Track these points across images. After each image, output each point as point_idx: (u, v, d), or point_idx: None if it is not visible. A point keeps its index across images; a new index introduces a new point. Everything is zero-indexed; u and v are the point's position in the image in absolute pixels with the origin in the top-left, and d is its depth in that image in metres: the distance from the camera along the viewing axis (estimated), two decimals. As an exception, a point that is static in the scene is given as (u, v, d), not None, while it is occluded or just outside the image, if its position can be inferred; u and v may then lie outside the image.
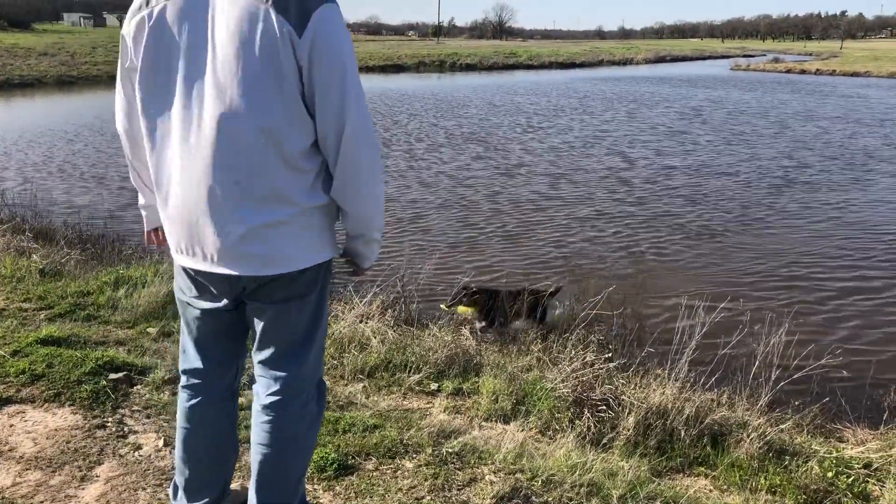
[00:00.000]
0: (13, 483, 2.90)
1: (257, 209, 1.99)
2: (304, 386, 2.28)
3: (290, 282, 2.12)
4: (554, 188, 11.96)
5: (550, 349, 4.33)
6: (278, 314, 2.17)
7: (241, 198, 1.98)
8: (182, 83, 1.95)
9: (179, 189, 2.02)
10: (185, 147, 1.98)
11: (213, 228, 2.01)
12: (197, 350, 2.34)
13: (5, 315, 4.64)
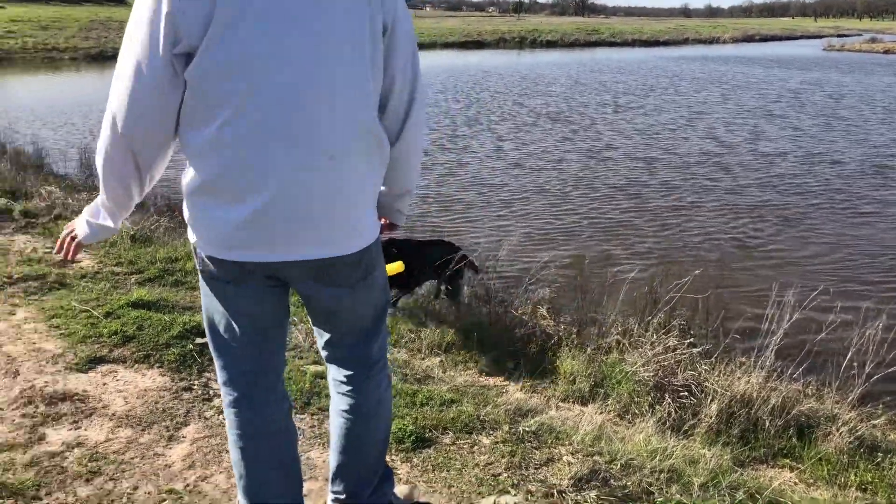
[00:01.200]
0: (106, 439, 3.02)
1: (349, 186, 1.95)
2: (381, 353, 2.30)
3: (358, 263, 2.06)
4: (643, 170, 11.69)
5: (631, 332, 4.24)
6: (354, 294, 2.10)
7: (336, 176, 1.91)
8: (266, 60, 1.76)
9: (271, 176, 1.83)
10: (276, 131, 1.81)
11: (314, 212, 1.90)
12: (252, 350, 2.13)
13: (99, 278, 4.83)
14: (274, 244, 1.91)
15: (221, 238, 1.91)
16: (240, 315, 2.07)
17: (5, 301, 4.36)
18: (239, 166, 1.83)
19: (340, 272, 2.03)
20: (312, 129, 1.84)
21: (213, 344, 2.15)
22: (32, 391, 3.34)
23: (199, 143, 1.84)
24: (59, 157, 10.47)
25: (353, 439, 2.30)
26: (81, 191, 7.70)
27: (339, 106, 1.86)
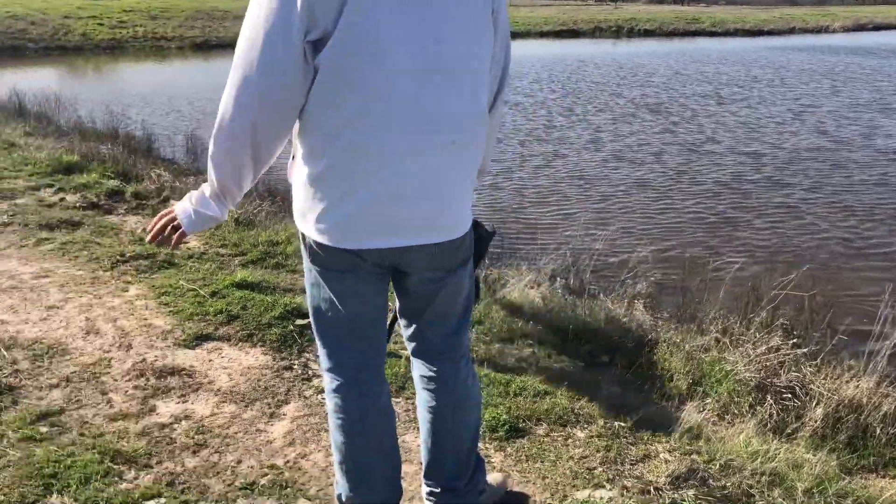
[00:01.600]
0: (212, 413, 3.15)
1: (465, 171, 2.00)
2: (468, 346, 2.32)
3: (460, 248, 2.09)
4: (748, 165, 11.25)
5: (731, 330, 4.13)
6: (453, 280, 2.12)
7: (456, 160, 1.94)
8: (411, 47, 1.78)
9: (394, 162, 1.85)
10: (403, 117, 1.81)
11: (435, 197, 1.93)
12: (360, 331, 2.16)
13: (205, 259, 5.02)
14: (397, 230, 1.94)
15: (340, 227, 1.94)
16: (347, 303, 2.09)
17: (119, 278, 4.58)
18: (366, 153, 1.85)
19: (448, 257, 2.07)
20: (439, 115, 1.85)
21: (318, 331, 2.19)
22: (144, 364, 3.50)
23: (325, 130, 1.86)
24: (167, 142, 10.94)
25: (445, 434, 2.30)
26: (188, 174, 8.00)
27: (464, 91, 1.88)
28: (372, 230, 1.93)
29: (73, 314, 4.03)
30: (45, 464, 2.71)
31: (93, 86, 21.20)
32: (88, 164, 7.42)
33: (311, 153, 1.92)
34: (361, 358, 2.19)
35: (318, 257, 2.04)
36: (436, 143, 1.88)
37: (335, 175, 1.88)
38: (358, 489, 2.25)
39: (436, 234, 1.99)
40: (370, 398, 2.20)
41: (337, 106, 1.81)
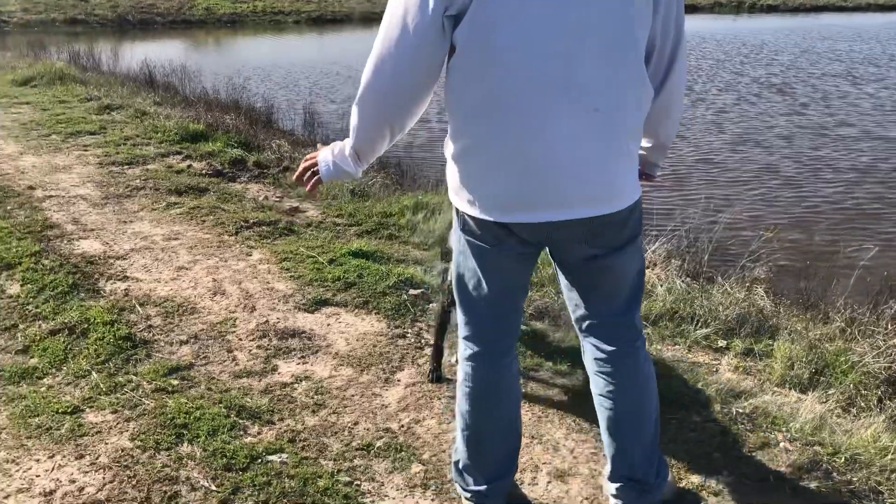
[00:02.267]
0: (330, 375, 3.26)
1: (617, 140, 1.93)
2: (640, 325, 2.25)
3: (626, 222, 2.04)
4: (885, 150, 10.62)
5: (859, 320, 3.93)
6: (620, 258, 2.09)
7: (603, 129, 1.89)
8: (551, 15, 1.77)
9: (542, 134, 1.85)
10: (546, 87, 1.82)
11: (586, 168, 1.90)
12: (501, 305, 2.19)
13: (322, 227, 5.17)
14: (545, 204, 1.92)
15: (489, 201, 1.96)
16: (492, 276, 2.12)
17: (242, 242, 4.78)
18: (509, 125, 1.85)
19: (610, 232, 2.02)
20: (582, 82, 1.83)
21: (460, 299, 2.23)
22: (267, 326, 3.65)
23: (468, 105, 1.89)
24: (285, 114, 11.27)
25: (627, 421, 2.25)
26: (306, 146, 8.22)
27: (608, 56, 1.84)
28: (519, 203, 1.93)
29: (201, 275, 4.24)
30: (176, 414, 2.88)
31: (215, 58, 22.07)
32: (213, 134, 7.75)
33: (457, 129, 1.96)
34: (497, 330, 2.22)
35: (468, 228, 2.08)
36: (579, 110, 1.84)
37: (481, 149, 1.92)
38: (476, 458, 2.29)
39: (588, 208, 1.94)
40: (500, 371, 2.23)
41: (477, 79, 1.85)
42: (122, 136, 7.63)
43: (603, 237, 2.02)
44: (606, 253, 2.06)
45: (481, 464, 2.29)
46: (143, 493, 2.47)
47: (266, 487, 2.50)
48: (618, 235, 2.04)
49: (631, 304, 2.20)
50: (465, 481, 2.34)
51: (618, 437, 2.27)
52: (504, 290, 2.16)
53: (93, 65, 14.88)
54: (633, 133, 2.00)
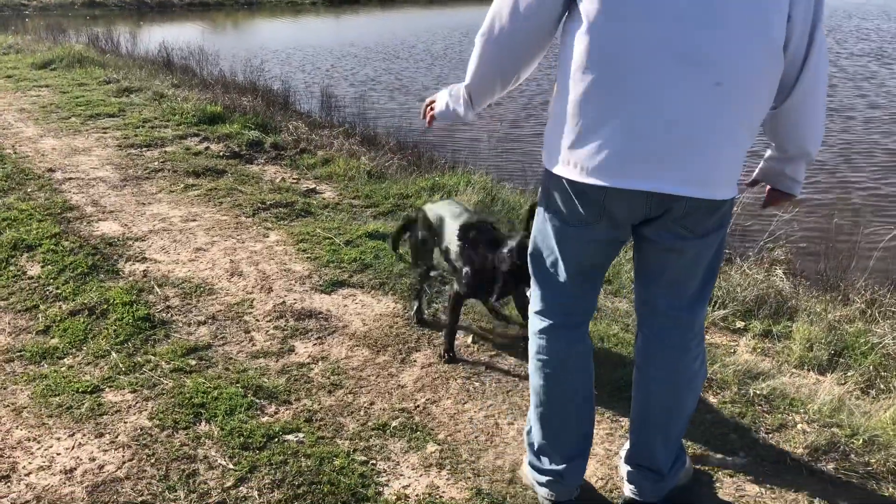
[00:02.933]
0: (346, 356, 3.27)
1: (733, 120, 1.83)
2: (701, 324, 2.18)
3: (715, 211, 1.95)
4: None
5: (879, 302, 3.89)
6: (697, 247, 2.01)
7: (723, 107, 1.80)
8: None
9: (650, 98, 1.80)
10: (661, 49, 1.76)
11: (693, 143, 1.82)
12: (576, 286, 2.16)
13: (339, 209, 5.17)
14: (644, 172, 1.84)
15: (585, 160, 1.89)
16: (571, 258, 2.11)
17: (260, 224, 4.80)
18: (616, 84, 1.81)
19: (697, 218, 1.94)
20: (702, 51, 1.75)
21: (535, 274, 2.23)
22: (283, 307, 3.67)
23: (578, 61, 1.85)
24: (302, 96, 11.26)
25: (660, 415, 2.23)
26: (323, 127, 8.23)
27: (738, 29, 1.75)
28: (616, 167, 1.86)
29: (218, 256, 4.26)
30: (194, 394, 2.91)
31: (232, 40, 22.07)
32: (231, 116, 7.76)
33: (563, 86, 1.92)
34: (572, 306, 2.20)
35: (553, 206, 2.06)
36: (697, 82, 1.77)
37: (586, 106, 1.87)
38: (552, 437, 2.28)
39: (689, 187, 1.85)
40: (572, 344, 2.21)
41: (593, 33, 1.80)
42: (140, 119, 7.66)
43: (690, 222, 1.94)
44: (686, 238, 1.98)
45: (557, 443, 2.28)
46: (161, 472, 2.50)
47: (282, 466, 2.52)
48: (703, 222, 1.96)
49: (696, 300, 2.12)
50: (540, 462, 2.32)
51: (646, 428, 2.26)
52: (583, 271, 2.14)
53: (111, 47, 14.93)
54: (750, 123, 1.88)
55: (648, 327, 2.20)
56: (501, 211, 5.27)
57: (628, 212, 1.95)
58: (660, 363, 2.19)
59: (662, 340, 2.17)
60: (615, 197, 1.91)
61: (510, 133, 10.24)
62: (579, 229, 2.03)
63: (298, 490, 2.41)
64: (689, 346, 2.16)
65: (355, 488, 2.43)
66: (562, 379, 2.21)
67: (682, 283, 2.09)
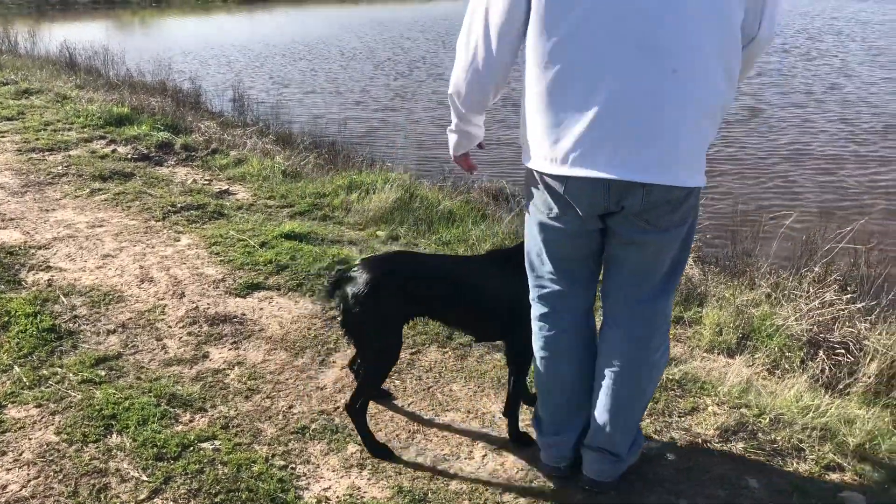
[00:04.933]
0: (263, 360, 3.21)
1: (689, 108, 1.90)
2: (665, 316, 2.24)
3: (678, 206, 2.01)
4: (809, 116, 10.91)
5: (783, 285, 4.05)
6: (659, 241, 2.07)
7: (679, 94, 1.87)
8: None
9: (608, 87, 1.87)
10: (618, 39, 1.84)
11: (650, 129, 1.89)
12: (562, 274, 2.24)
13: (254, 210, 5.08)
14: (605, 159, 1.90)
15: (551, 152, 1.99)
16: (554, 249, 2.21)
17: (170, 227, 4.67)
18: (574, 77, 1.89)
19: (659, 213, 2.00)
20: (663, 43, 1.83)
21: (528, 265, 2.33)
22: (197, 312, 3.58)
23: (540, 59, 1.93)
24: (214, 96, 11.02)
25: (620, 402, 2.26)
26: (236, 126, 8.07)
27: (691, 18, 1.82)
28: (576, 157, 1.93)
29: (127, 262, 4.12)
30: (104, 406, 2.80)
31: (140, 39, 21.39)
32: (139, 117, 7.53)
33: (528, 82, 2.01)
34: (564, 293, 2.26)
35: (533, 198, 2.17)
36: (654, 69, 1.84)
37: (548, 100, 1.96)
38: (546, 410, 2.41)
39: (649, 173, 1.91)
40: (570, 332, 2.28)
41: (551, 30, 1.89)
42: (41, 122, 7.34)
43: (651, 213, 1.99)
44: (646, 231, 2.04)
45: (550, 416, 2.40)
46: (70, 488, 2.40)
47: (199, 475, 2.46)
48: (665, 216, 2.01)
49: (659, 292, 2.18)
50: (541, 432, 2.46)
51: (607, 414, 2.28)
52: (567, 263, 2.23)
53: (8, 47, 14.28)
54: (709, 109, 1.94)
55: (612, 317, 2.26)
56: (420, 208, 5.27)
57: (589, 204, 2.02)
58: (621, 353, 2.24)
59: (625, 331, 2.23)
60: (575, 186, 1.99)
61: (428, 129, 10.25)
62: (554, 221, 2.14)
63: (216, 499, 2.36)
64: (651, 336, 2.22)
65: (274, 493, 2.39)
66: (557, 361, 2.32)
67: (645, 275, 2.16)
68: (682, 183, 1.96)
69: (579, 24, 1.85)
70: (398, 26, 24.53)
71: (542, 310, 2.31)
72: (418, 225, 5.04)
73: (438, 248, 4.64)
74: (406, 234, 4.86)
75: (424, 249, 4.60)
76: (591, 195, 1.99)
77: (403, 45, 19.31)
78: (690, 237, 2.16)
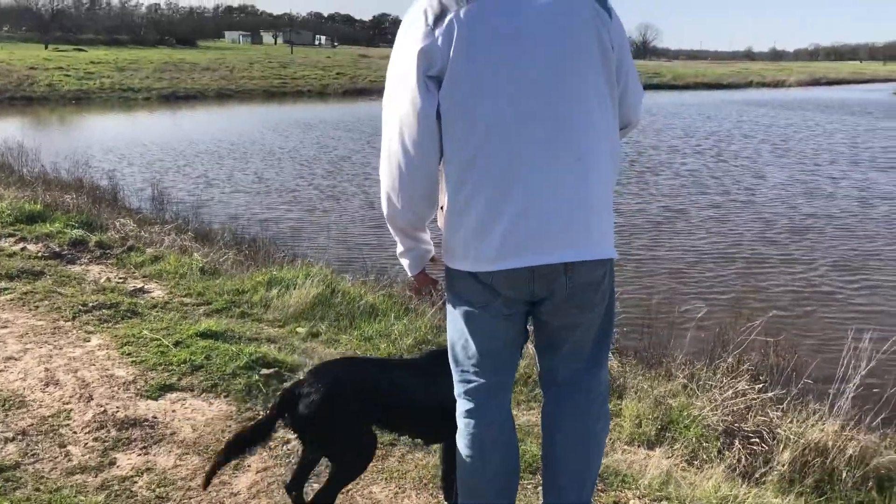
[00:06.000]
0: (174, 465, 3.07)
1: (596, 189, 2.05)
2: (603, 385, 2.31)
3: (598, 287, 2.14)
4: (713, 214, 11.48)
5: (698, 376, 4.15)
6: (589, 320, 2.19)
7: (587, 178, 2.02)
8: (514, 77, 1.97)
9: (527, 184, 1.99)
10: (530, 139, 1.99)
11: (567, 215, 2.02)
12: (487, 366, 2.24)
13: (169, 308, 4.95)
14: (528, 249, 2.00)
15: (477, 252, 2.05)
16: (479, 337, 2.20)
17: (80, 328, 4.49)
18: (493, 179, 1.99)
19: (584, 297, 2.11)
20: (566, 136, 1.99)
21: (452, 359, 2.30)
22: (105, 416, 3.41)
23: (457, 162, 2.02)
24: (132, 192, 10.86)
25: (575, 475, 2.28)
26: (154, 223, 7.94)
27: (587, 110, 2.01)
28: (504, 252, 2.01)
29: (31, 365, 3.93)
30: (-3, 521, 2.62)
31: (58, 136, 21.09)
32: (52, 214, 7.34)
33: (447, 188, 2.08)
34: (487, 388, 2.25)
35: (456, 290, 2.19)
36: (563, 160, 1.99)
37: (468, 205, 2.03)
38: None
39: (569, 253, 2.02)
40: (493, 426, 2.26)
41: (463, 139, 2.00)
42: (-54, 220, 7.08)
43: (575, 299, 2.10)
44: (578, 314, 2.15)
45: None
46: None
47: None
48: (590, 299, 2.13)
49: (593, 363, 2.27)
50: None
51: (558, 490, 2.30)
52: (493, 350, 2.22)
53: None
54: (609, 189, 2.13)
55: (553, 395, 2.31)
56: (341, 303, 5.24)
57: (516, 292, 2.09)
58: (566, 428, 2.27)
59: (567, 406, 2.27)
60: (501, 277, 2.06)
61: (351, 223, 10.31)
62: (481, 310, 2.15)
63: None
64: (590, 408, 2.27)
65: None
66: (486, 456, 2.27)
67: (579, 350, 2.24)
68: (599, 256, 2.09)
69: (489, 129, 1.97)
70: (323, 125, 24.90)
71: (468, 405, 2.28)
72: (339, 320, 5.00)
73: (360, 344, 4.59)
74: (327, 330, 4.80)
75: (346, 345, 4.55)
76: (517, 284, 2.07)
77: (328, 144, 19.58)
78: (613, 307, 2.27)
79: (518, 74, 1.97)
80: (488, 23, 1.96)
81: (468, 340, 2.23)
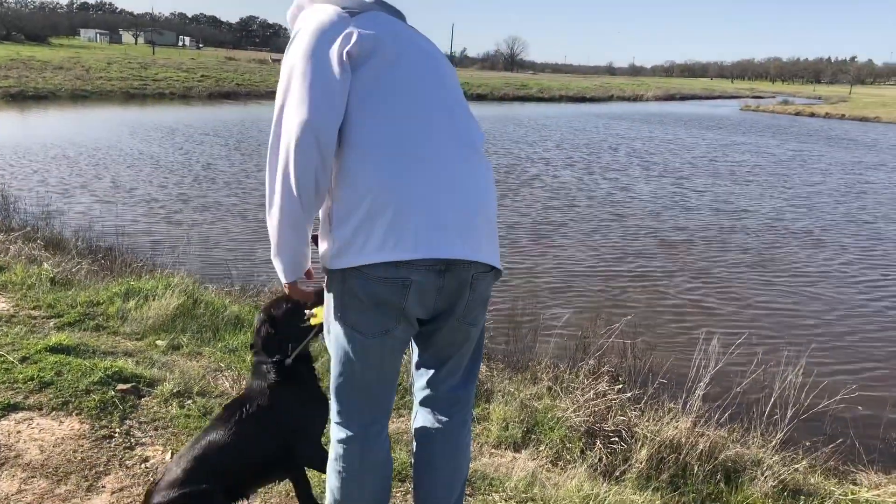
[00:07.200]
0: (18, 490, 2.86)
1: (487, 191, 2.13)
2: (472, 399, 2.38)
3: (487, 300, 2.19)
4: (571, 219, 11.93)
5: (561, 378, 4.28)
6: (472, 335, 2.22)
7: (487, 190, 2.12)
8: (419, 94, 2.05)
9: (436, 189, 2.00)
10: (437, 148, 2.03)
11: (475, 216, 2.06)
12: (373, 397, 2.20)
13: (14, 322, 4.62)
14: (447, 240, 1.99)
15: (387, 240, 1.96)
16: (367, 366, 2.13)
17: (-89, 345, 4.12)
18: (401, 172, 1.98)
19: (480, 308, 2.16)
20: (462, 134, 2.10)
21: (333, 385, 2.22)
22: (-62, 440, 3.14)
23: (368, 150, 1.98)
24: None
25: (442, 487, 2.32)
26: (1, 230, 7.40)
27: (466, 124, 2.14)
28: (419, 242, 1.96)
29: None
30: None
31: None
32: None
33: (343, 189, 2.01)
34: (370, 415, 2.21)
35: (348, 314, 2.05)
36: (461, 157, 2.07)
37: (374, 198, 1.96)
38: None
39: (477, 253, 2.04)
40: (372, 452, 2.23)
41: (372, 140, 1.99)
42: None
43: (472, 313, 2.15)
44: (469, 330, 2.19)
45: None
46: None
47: None
48: (481, 313, 2.20)
49: (468, 378, 2.32)
50: None
51: (438, 502, 2.33)
52: (379, 378, 2.18)
53: None
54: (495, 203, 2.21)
55: (430, 410, 2.33)
56: (205, 314, 5.06)
57: (420, 299, 2.02)
58: (442, 442, 2.31)
59: (443, 422, 2.31)
60: (422, 268, 1.97)
61: (216, 232, 9.99)
62: (377, 339, 2.08)
63: None
64: (465, 420, 2.35)
65: None
66: (360, 485, 2.24)
67: (458, 366, 2.29)
68: (496, 266, 2.14)
69: (401, 127, 2.01)
70: (186, 129, 24.03)
71: (349, 432, 2.21)
72: (202, 332, 4.83)
73: (224, 357, 4.45)
74: (189, 342, 4.62)
75: (209, 358, 4.39)
76: (425, 288, 2.00)
77: (192, 150, 18.90)
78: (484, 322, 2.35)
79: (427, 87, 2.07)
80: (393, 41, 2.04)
81: (355, 369, 2.13)
